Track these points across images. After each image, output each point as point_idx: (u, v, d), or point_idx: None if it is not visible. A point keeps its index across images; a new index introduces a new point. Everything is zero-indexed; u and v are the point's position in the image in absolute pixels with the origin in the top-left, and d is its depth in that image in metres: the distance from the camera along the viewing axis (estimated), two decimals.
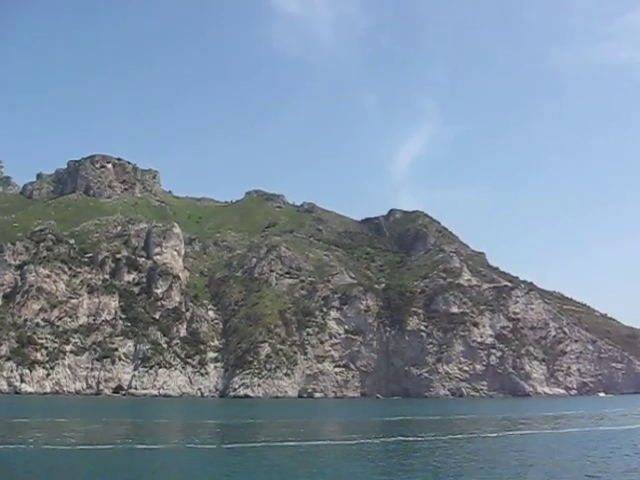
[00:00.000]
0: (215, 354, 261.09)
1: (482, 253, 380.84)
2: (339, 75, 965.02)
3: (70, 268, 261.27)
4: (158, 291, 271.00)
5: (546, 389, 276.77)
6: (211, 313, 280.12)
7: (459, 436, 63.09)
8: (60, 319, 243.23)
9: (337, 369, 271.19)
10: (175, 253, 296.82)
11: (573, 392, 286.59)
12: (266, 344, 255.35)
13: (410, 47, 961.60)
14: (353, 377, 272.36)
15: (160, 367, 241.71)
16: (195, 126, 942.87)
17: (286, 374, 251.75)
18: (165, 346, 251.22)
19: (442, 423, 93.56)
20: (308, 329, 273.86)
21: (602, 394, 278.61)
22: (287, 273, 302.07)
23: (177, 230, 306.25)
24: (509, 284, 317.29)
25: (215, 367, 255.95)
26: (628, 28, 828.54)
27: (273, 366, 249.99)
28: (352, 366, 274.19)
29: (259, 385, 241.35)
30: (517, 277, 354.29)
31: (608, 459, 42.90)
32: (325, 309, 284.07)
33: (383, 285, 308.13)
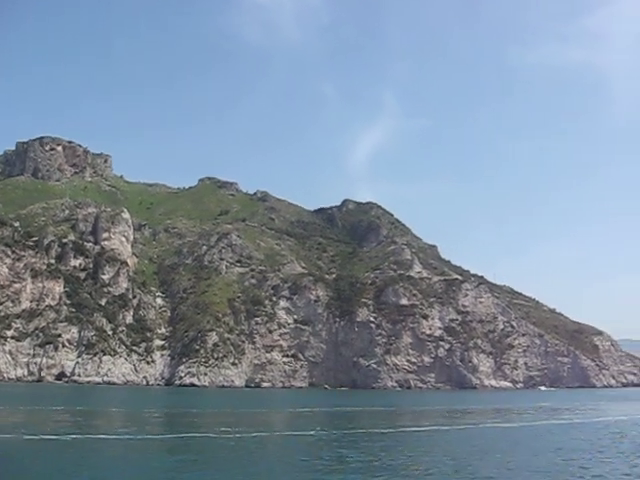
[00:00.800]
0: (162, 342, 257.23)
1: (434, 246, 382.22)
2: (300, 65, 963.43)
3: (14, 252, 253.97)
4: (105, 277, 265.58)
5: (493, 382, 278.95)
6: (159, 300, 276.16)
7: (399, 430, 61.70)
8: (1, 304, 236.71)
9: (285, 359, 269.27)
10: (123, 239, 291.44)
11: (519, 385, 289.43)
12: (214, 333, 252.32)
13: (373, 41, 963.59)
14: (301, 367, 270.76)
15: (104, 354, 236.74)
16: (151, 112, 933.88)
17: (233, 363, 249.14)
18: (110, 333, 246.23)
19: (387, 415, 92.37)
20: (257, 318, 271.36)
21: (543, 387, 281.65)
22: (238, 262, 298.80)
23: (126, 215, 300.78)
24: (459, 277, 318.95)
25: (161, 355, 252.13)
26: (583, 31, 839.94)
27: (220, 355, 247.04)
28: (301, 356, 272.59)
29: (205, 374, 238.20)
30: (468, 271, 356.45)
31: (527, 456, 41.82)
32: (275, 298, 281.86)
33: (334, 276, 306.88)
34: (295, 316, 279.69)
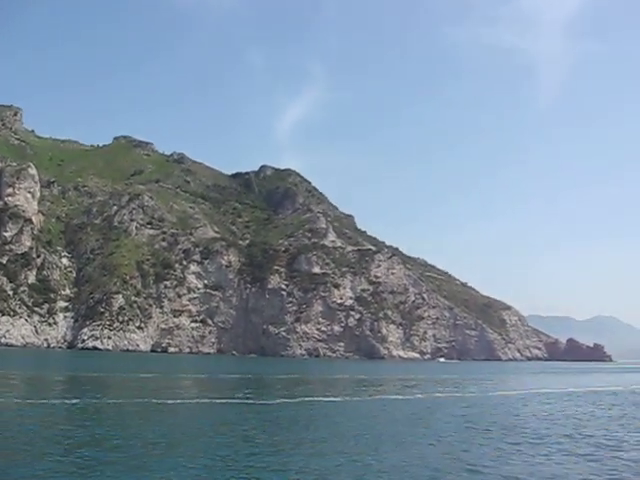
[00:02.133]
0: (66, 303, 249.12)
1: (351, 216, 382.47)
2: (227, 29, 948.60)
3: None
4: (7, 234, 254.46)
5: (401, 353, 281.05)
6: (64, 260, 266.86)
7: (305, 399, 59.22)
8: None
9: (194, 324, 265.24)
10: (29, 195, 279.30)
11: (427, 357, 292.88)
12: (120, 295, 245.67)
13: (305, 12, 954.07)
14: (210, 333, 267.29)
15: (3, 315, 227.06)
16: (67, 67, 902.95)
17: (139, 327, 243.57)
18: (10, 293, 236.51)
19: (294, 384, 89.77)
20: (166, 282, 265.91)
21: (442, 359, 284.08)
22: (149, 223, 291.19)
23: (33, 171, 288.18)
24: (373, 248, 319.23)
25: (64, 317, 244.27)
26: (515, 13, 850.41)
27: (126, 318, 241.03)
28: (209, 322, 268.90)
29: (109, 337, 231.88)
30: (383, 242, 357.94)
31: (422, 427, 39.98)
32: (185, 262, 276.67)
33: (247, 241, 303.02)
34: (205, 281, 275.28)
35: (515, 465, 29.58)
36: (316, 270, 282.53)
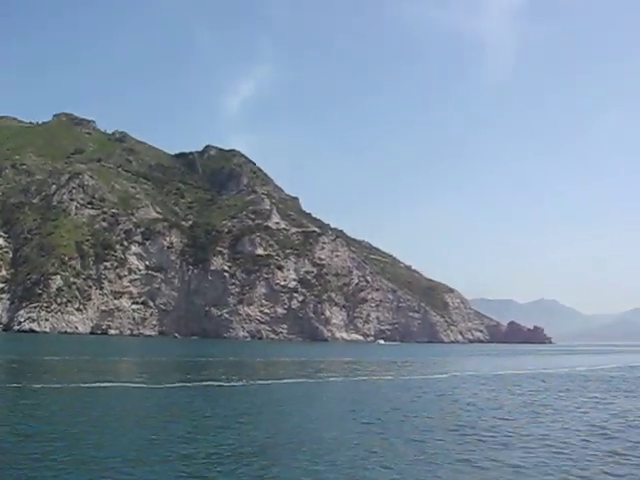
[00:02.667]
0: (1, 285, 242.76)
1: (296, 198, 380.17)
2: (174, 5, 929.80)
3: None
4: None
5: (344, 335, 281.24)
6: (0, 241, 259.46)
7: (249, 383, 57.50)
8: None
9: (135, 306, 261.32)
10: None
11: (370, 339, 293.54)
12: (58, 276, 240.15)
13: None
14: (151, 315, 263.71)
15: None
16: (7, 41, 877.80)
17: (78, 309, 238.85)
18: None
19: (237, 366, 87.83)
20: (106, 263, 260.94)
21: (382, 341, 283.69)
22: (89, 203, 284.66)
23: None
24: (317, 230, 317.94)
25: (0, 299, 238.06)
26: None
27: (64, 300, 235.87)
28: (151, 304, 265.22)
29: (47, 319, 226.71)
30: (328, 224, 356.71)
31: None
32: (126, 243, 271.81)
33: (190, 222, 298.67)
34: (147, 262, 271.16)
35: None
36: (259, 252, 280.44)
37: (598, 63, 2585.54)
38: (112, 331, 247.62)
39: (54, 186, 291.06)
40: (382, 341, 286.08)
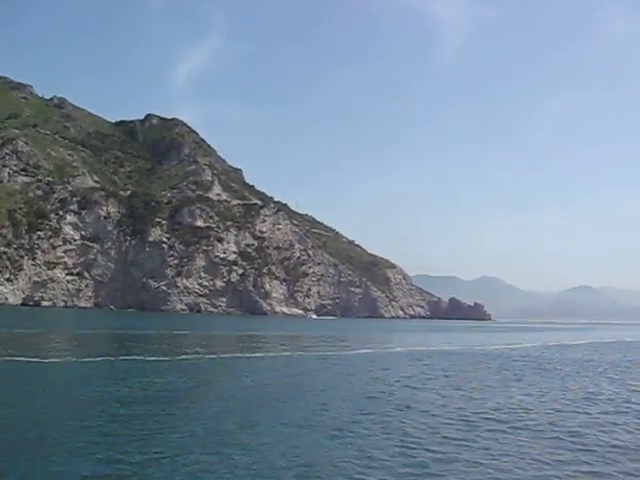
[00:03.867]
0: None
1: (239, 170, 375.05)
2: None
3: None
4: None
5: (284, 309, 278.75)
6: None
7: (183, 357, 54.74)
8: None
9: (69, 277, 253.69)
10: None
11: (310, 313, 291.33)
12: None
13: None
14: (87, 286, 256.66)
15: None
16: None
17: (8, 279, 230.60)
18: None
19: (175, 340, 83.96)
20: (40, 232, 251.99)
21: (313, 316, 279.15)
22: (23, 170, 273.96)
23: None
24: (259, 202, 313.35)
25: None
26: None
27: None
28: (86, 275, 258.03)
29: None
30: (271, 197, 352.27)
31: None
32: (61, 212, 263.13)
33: (129, 192, 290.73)
34: (83, 232, 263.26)
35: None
36: (199, 223, 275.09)
37: (548, 49, 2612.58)
38: (45, 303, 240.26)
39: None
40: (314, 315, 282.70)
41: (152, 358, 52.96)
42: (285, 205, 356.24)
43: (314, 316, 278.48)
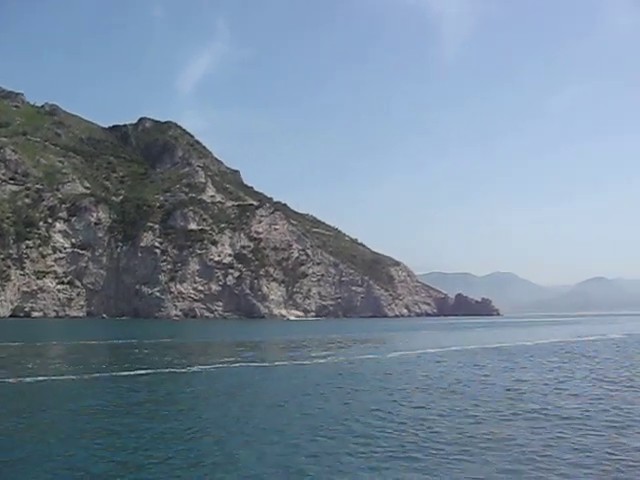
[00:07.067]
0: None
1: (237, 171, 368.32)
2: None
3: None
4: None
5: (283, 311, 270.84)
6: None
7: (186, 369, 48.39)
8: None
9: (60, 286, 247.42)
10: None
11: (311, 315, 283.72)
12: None
13: None
14: (78, 295, 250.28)
15: None
16: None
17: None
18: None
19: (170, 349, 76.43)
20: (28, 241, 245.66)
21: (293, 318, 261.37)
22: (11, 179, 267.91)
23: None
24: (255, 203, 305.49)
25: None
26: None
27: None
28: (78, 283, 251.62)
29: None
30: (271, 198, 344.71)
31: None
32: (51, 220, 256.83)
33: (121, 197, 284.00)
34: (73, 240, 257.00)
35: None
36: (192, 226, 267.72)
37: (550, 45, 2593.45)
38: (35, 313, 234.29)
39: None
40: (292, 317, 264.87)
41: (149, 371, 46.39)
42: (284, 205, 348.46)
43: (293, 318, 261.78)
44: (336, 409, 31.39)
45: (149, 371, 48.09)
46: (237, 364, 54.57)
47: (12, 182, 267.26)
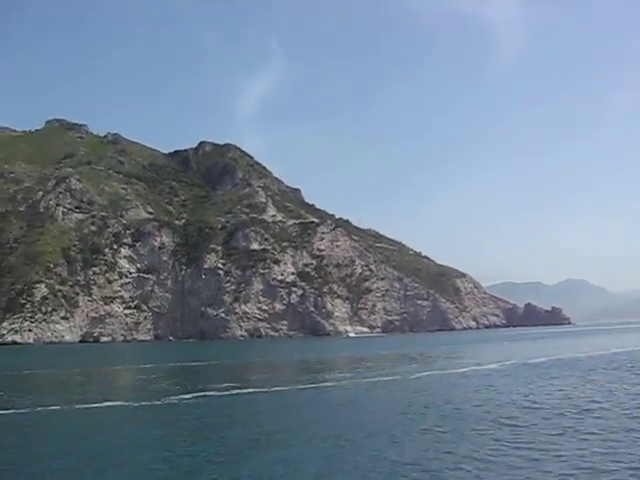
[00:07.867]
0: None
1: (297, 190, 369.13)
2: (176, 6, 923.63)
3: None
4: None
5: (348, 328, 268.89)
6: None
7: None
8: None
9: (127, 311, 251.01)
10: None
11: (377, 330, 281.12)
12: (43, 285, 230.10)
13: None
14: (145, 319, 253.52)
15: None
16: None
17: (64, 317, 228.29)
18: None
19: (237, 370, 76.86)
20: (95, 268, 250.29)
21: (351, 334, 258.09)
22: (77, 208, 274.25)
23: None
24: (316, 220, 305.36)
25: None
26: None
27: (49, 309, 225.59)
28: (144, 307, 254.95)
29: (30, 330, 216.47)
30: (332, 215, 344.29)
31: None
32: (116, 246, 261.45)
33: (183, 221, 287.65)
34: (138, 264, 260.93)
35: None
36: (254, 246, 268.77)
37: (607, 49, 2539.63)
38: (104, 338, 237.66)
39: (40, 192, 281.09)
40: (352, 333, 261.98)
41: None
42: (346, 221, 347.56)
43: (352, 334, 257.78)
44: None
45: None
46: (346, 380, 53.65)
47: (78, 210, 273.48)
